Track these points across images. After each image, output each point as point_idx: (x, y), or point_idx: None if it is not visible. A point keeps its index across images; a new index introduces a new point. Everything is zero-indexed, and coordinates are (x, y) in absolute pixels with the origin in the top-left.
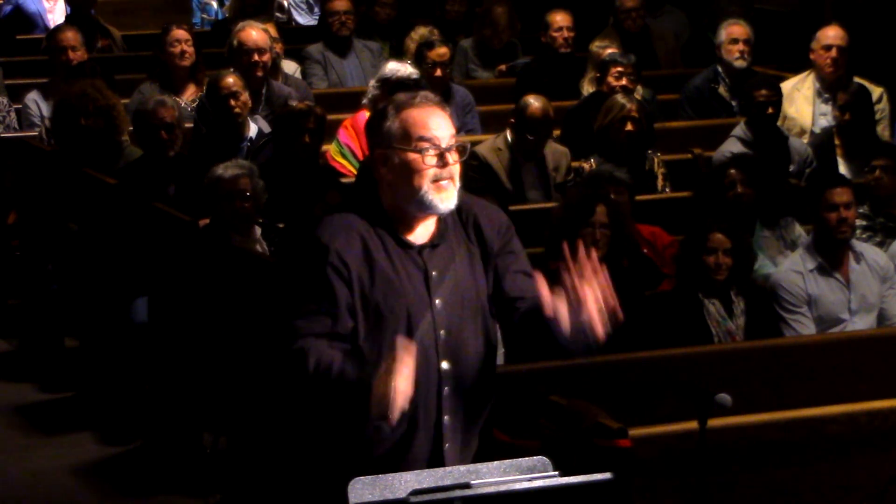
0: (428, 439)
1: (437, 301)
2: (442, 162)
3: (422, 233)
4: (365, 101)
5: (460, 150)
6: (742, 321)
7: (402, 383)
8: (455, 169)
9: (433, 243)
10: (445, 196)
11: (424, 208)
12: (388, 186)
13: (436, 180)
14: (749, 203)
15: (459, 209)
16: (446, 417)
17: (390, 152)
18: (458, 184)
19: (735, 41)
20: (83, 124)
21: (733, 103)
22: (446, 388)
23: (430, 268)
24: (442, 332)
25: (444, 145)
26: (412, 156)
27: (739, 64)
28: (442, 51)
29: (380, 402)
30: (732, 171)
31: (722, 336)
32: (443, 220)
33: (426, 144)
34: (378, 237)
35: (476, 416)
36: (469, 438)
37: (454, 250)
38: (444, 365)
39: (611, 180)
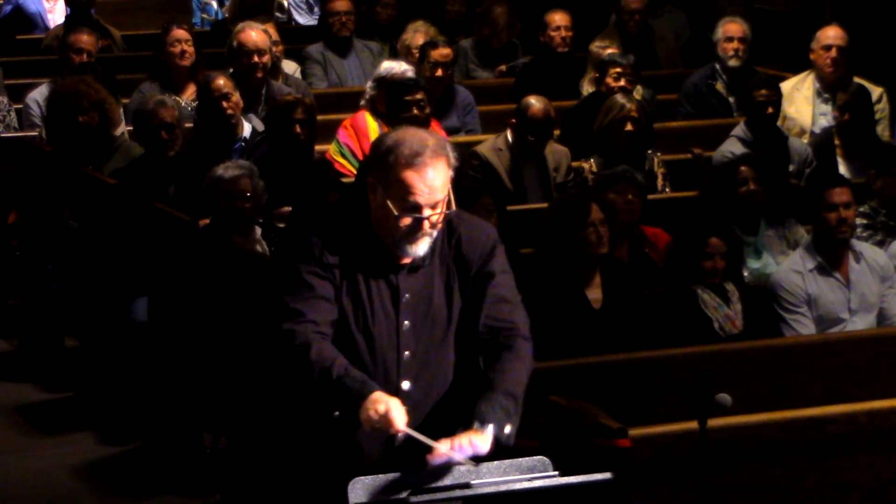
0: (380, 453)
1: (404, 322)
2: (419, 225)
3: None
4: (363, 101)
5: (447, 204)
6: (739, 307)
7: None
8: (434, 224)
9: (413, 265)
10: (418, 245)
11: (396, 250)
12: (374, 210)
13: (409, 235)
14: (758, 201)
15: (449, 228)
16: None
17: (379, 189)
18: (435, 233)
19: (730, 39)
20: (80, 121)
21: (731, 100)
22: (404, 408)
23: (402, 290)
24: (406, 352)
25: (426, 213)
26: (393, 212)
27: (733, 63)
28: (445, 51)
29: (371, 417)
30: (744, 168)
31: (721, 321)
32: None
33: (407, 211)
34: (360, 250)
35: (437, 438)
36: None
37: (434, 273)
38: (405, 385)
39: (630, 181)
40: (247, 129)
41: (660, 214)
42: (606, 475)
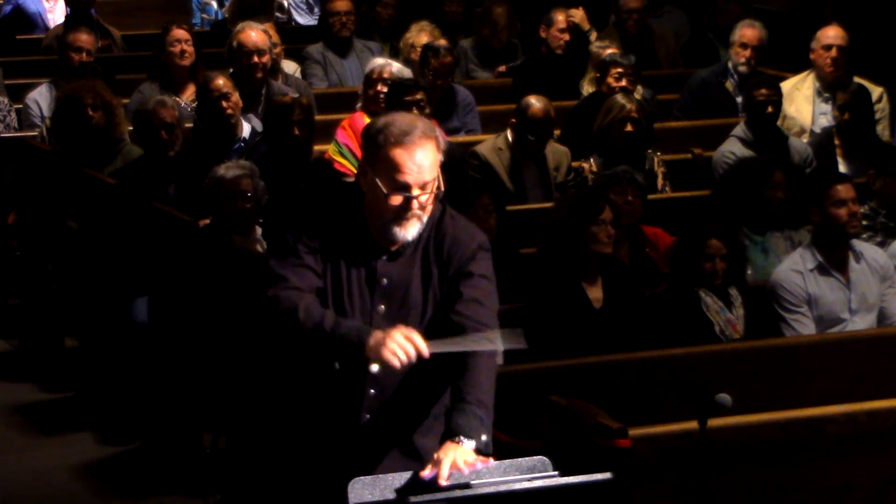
0: (344, 434)
1: (380, 307)
2: (408, 205)
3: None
4: (359, 104)
5: (436, 188)
6: (742, 312)
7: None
8: (423, 205)
9: (396, 252)
10: (407, 228)
11: (385, 234)
12: (366, 194)
13: (398, 216)
14: (779, 207)
15: (440, 225)
16: (367, 416)
17: (369, 172)
18: (425, 216)
19: (745, 45)
20: (88, 115)
21: (738, 100)
22: (371, 391)
23: (380, 274)
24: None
25: (415, 192)
26: (383, 191)
27: (743, 69)
28: (446, 60)
29: (378, 349)
30: (778, 172)
31: (723, 325)
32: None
33: (397, 189)
34: (345, 232)
35: (403, 425)
36: (394, 446)
37: (414, 264)
38: (373, 367)
39: (630, 181)
40: (246, 130)
41: (660, 214)
42: (606, 475)
